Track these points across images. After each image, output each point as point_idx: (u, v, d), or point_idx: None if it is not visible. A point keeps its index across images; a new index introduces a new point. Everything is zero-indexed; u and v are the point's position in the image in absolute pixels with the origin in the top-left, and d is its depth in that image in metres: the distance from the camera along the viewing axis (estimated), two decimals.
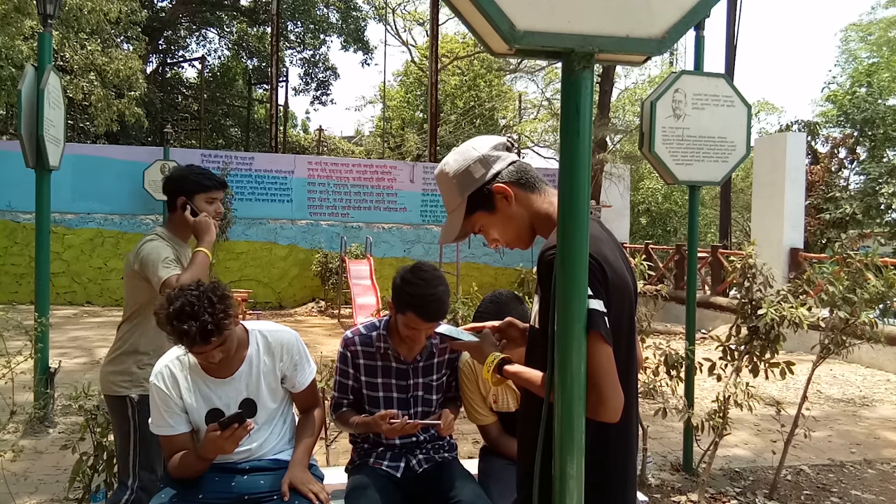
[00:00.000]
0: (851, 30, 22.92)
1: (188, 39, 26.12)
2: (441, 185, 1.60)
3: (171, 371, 2.14)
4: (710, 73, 4.30)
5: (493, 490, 2.31)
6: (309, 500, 2.14)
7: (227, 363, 2.13)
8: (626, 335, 1.49)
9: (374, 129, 33.88)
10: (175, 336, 1.95)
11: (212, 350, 1.99)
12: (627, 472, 1.55)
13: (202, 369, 2.13)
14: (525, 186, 1.56)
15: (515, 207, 1.55)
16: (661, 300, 4.02)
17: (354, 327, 2.42)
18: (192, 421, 2.16)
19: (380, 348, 2.35)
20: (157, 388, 2.12)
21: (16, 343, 3.11)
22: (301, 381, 2.31)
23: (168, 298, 1.97)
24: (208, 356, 2.01)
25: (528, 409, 1.60)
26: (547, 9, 1.06)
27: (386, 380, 2.36)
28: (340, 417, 2.41)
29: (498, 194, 1.54)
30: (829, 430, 5.44)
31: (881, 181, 15.68)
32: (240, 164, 12.76)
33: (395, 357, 2.34)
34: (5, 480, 3.24)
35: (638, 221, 24.02)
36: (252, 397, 2.22)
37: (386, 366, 2.35)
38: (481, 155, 1.54)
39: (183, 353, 2.16)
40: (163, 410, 2.11)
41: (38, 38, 5.23)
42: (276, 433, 2.32)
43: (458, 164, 1.56)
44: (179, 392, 2.13)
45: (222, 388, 2.18)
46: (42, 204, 4.99)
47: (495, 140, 1.59)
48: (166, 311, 1.94)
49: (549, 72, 24.80)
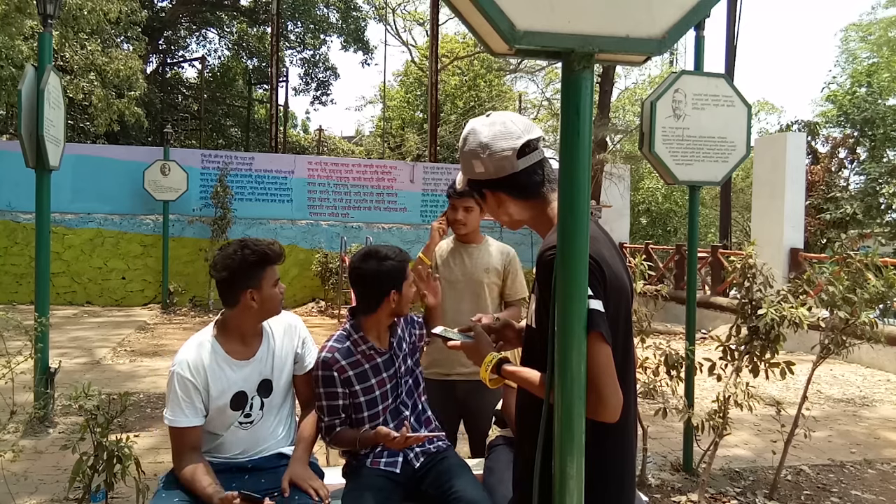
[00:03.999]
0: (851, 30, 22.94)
1: (188, 39, 26.11)
2: (459, 148, 1.65)
3: (196, 358, 2.17)
4: (710, 73, 4.30)
5: (498, 491, 2.31)
6: (309, 495, 2.15)
7: (250, 344, 2.25)
8: (623, 335, 1.50)
9: (374, 129, 33.88)
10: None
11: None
12: (624, 471, 1.55)
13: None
14: (522, 195, 1.57)
15: (502, 210, 1.61)
16: (661, 300, 4.02)
17: (326, 348, 2.37)
18: (214, 407, 2.18)
19: (363, 352, 2.37)
20: (181, 377, 2.14)
21: (16, 343, 3.10)
22: (309, 361, 2.40)
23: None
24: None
25: (524, 403, 1.60)
26: (547, 9, 1.06)
27: (378, 377, 2.38)
28: (337, 438, 2.37)
29: (488, 195, 1.60)
30: (829, 430, 5.44)
31: (881, 181, 15.68)
32: (240, 164, 12.76)
33: (376, 351, 2.39)
34: (5, 480, 3.24)
35: (638, 221, 24.01)
36: (269, 378, 2.29)
37: (373, 365, 2.38)
38: (486, 155, 1.54)
39: (207, 338, 2.21)
40: (182, 400, 2.13)
41: (38, 38, 5.23)
42: (286, 425, 2.37)
43: (469, 148, 1.57)
44: (205, 378, 2.16)
45: (245, 370, 2.24)
46: (42, 204, 4.99)
47: (512, 143, 1.52)
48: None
49: (549, 72, 24.80)
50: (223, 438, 2.25)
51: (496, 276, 3.09)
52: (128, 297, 12.16)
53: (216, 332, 2.26)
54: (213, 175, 12.33)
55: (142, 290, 12.27)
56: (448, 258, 3.09)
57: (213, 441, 2.25)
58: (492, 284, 3.07)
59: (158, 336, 9.18)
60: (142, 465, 2.54)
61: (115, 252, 12.12)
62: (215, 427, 2.23)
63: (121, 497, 3.27)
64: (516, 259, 3.17)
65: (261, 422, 2.29)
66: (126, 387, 6.00)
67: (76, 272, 11.99)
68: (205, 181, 12.37)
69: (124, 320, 10.37)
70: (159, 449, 4.42)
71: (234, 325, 2.24)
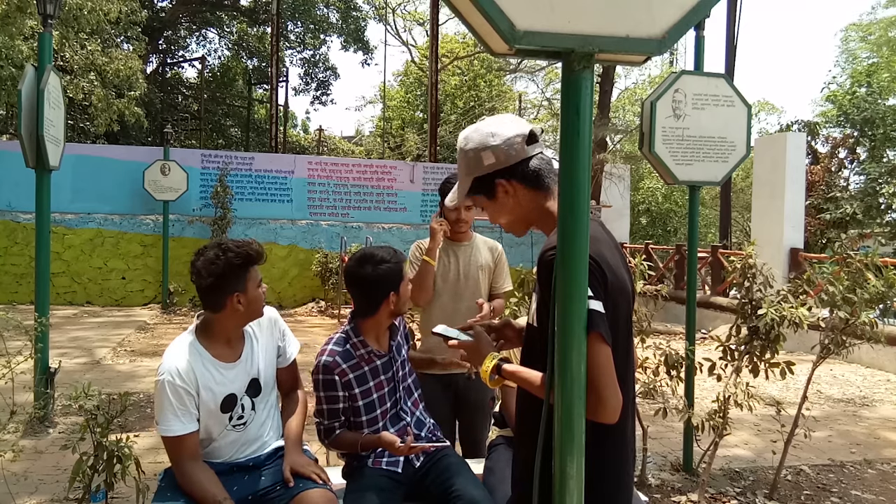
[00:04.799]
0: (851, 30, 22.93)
1: (188, 39, 26.10)
2: (459, 152, 1.61)
3: (184, 363, 2.13)
4: (710, 73, 4.30)
5: (499, 491, 2.31)
6: (313, 481, 2.16)
7: (235, 346, 2.24)
8: (623, 337, 1.49)
9: (374, 129, 33.88)
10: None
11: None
12: (622, 471, 1.55)
13: None
14: (533, 185, 1.55)
15: (514, 202, 1.56)
16: (661, 300, 4.02)
17: (326, 352, 2.36)
18: (205, 411, 2.16)
19: (362, 356, 2.37)
20: (172, 385, 2.08)
21: (16, 343, 3.10)
22: (291, 353, 2.41)
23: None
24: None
25: (524, 403, 1.60)
26: (547, 9, 1.06)
27: (376, 380, 2.39)
28: (337, 441, 2.37)
29: (500, 187, 1.55)
30: (829, 430, 5.44)
31: (881, 181, 15.67)
32: (240, 164, 12.76)
33: (374, 353, 2.39)
34: (5, 480, 3.24)
35: (638, 221, 24.00)
36: (257, 377, 2.28)
37: (372, 367, 2.38)
38: (495, 145, 1.52)
39: (191, 342, 2.19)
40: (177, 408, 2.09)
41: (38, 38, 5.23)
42: (273, 418, 2.39)
43: (474, 144, 1.55)
44: (196, 383, 2.13)
45: (232, 372, 2.22)
46: (42, 204, 4.99)
47: (516, 130, 1.53)
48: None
49: (549, 72, 24.80)
50: (217, 442, 2.23)
51: (488, 272, 3.18)
52: (128, 297, 12.16)
53: (199, 335, 2.21)
54: (213, 175, 12.33)
55: (142, 290, 12.27)
56: (442, 257, 3.11)
57: (208, 445, 2.23)
58: (485, 280, 3.16)
59: (158, 336, 9.18)
60: (142, 465, 2.54)
61: (115, 252, 12.12)
62: (209, 432, 2.20)
63: (121, 497, 3.27)
64: (503, 253, 3.27)
65: (252, 421, 2.28)
66: (126, 387, 6.00)
67: (76, 272, 11.99)
68: (205, 181, 12.37)
69: (124, 320, 10.37)
70: (159, 449, 4.42)
71: (218, 328, 2.21)
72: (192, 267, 2.15)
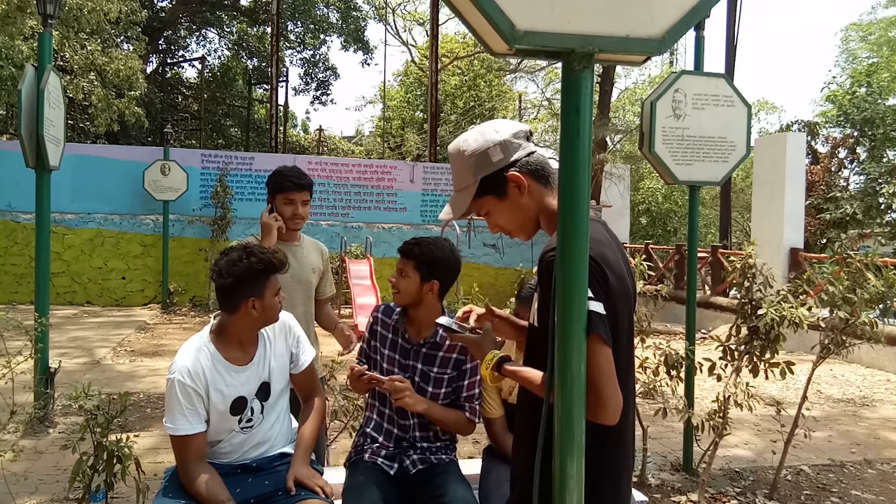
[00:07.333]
0: (851, 30, 22.93)
1: (188, 39, 26.08)
2: (454, 161, 1.56)
3: (195, 364, 2.14)
4: (710, 73, 4.30)
5: (494, 494, 2.31)
6: (315, 493, 2.15)
7: (247, 349, 2.25)
8: (625, 338, 1.49)
9: (374, 129, 33.87)
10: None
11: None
12: (620, 472, 1.55)
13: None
14: (540, 179, 1.54)
15: (526, 198, 1.53)
16: (661, 300, 4.02)
17: (382, 308, 2.55)
18: (214, 413, 2.17)
19: (395, 321, 2.47)
20: (182, 384, 2.10)
21: (16, 343, 3.11)
22: (304, 359, 2.40)
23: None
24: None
25: (524, 402, 1.60)
26: (547, 9, 1.06)
27: (391, 353, 2.44)
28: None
29: (512, 182, 1.52)
30: (829, 430, 5.44)
31: (881, 181, 15.69)
32: (240, 164, 12.75)
33: (403, 336, 2.44)
34: (5, 480, 3.24)
35: (638, 221, 23.99)
36: (268, 381, 2.29)
37: (394, 340, 2.45)
38: (502, 139, 1.52)
39: (204, 343, 2.20)
40: (185, 407, 2.10)
41: (38, 38, 5.23)
42: (283, 422, 2.38)
43: (478, 143, 1.52)
44: (206, 384, 2.14)
45: (243, 375, 2.22)
46: (42, 204, 4.99)
47: (517, 127, 1.55)
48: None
49: (549, 72, 24.80)
50: (224, 444, 2.24)
51: (319, 275, 3.05)
52: (128, 297, 12.16)
53: (213, 337, 2.23)
54: (213, 175, 12.33)
55: (142, 290, 12.27)
56: None
57: (214, 446, 2.24)
58: (315, 283, 3.04)
59: (158, 336, 9.18)
60: (142, 465, 2.54)
61: (115, 252, 12.12)
62: (217, 433, 2.21)
63: (121, 497, 3.27)
64: (328, 256, 3.16)
65: (260, 424, 2.28)
66: (126, 387, 6.01)
67: (76, 272, 11.99)
68: (205, 181, 12.37)
69: (124, 320, 10.37)
70: (159, 449, 4.42)
71: (232, 331, 2.22)
72: (214, 265, 2.18)
